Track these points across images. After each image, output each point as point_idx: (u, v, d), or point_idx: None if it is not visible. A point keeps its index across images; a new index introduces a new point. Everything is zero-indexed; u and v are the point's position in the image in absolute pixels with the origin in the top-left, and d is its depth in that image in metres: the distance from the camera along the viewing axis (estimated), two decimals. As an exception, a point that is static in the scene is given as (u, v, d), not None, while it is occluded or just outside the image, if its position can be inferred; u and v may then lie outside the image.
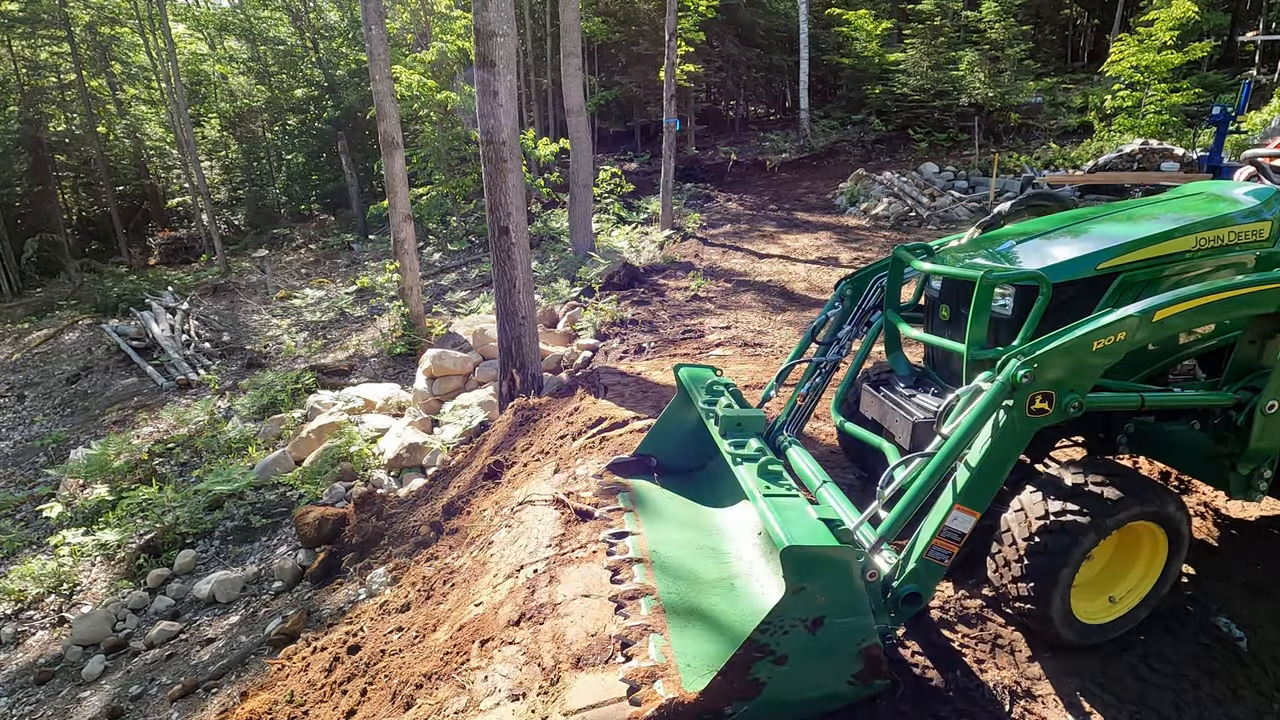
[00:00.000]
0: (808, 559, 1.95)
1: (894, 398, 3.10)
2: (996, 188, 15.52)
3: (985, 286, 2.62)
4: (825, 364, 3.48)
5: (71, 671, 5.05)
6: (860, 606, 2.04)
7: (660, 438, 3.58)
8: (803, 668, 2.02)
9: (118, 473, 8.00)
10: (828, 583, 1.98)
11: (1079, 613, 2.40)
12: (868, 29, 22.11)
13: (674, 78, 13.72)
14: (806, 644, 1.99)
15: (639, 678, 2.18)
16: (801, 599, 1.96)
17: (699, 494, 3.31)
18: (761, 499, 2.28)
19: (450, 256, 17.34)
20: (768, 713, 2.02)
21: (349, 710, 2.89)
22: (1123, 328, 2.19)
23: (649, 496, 3.31)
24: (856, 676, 2.09)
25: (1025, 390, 2.10)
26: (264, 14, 26.68)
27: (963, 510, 2.16)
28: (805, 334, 3.62)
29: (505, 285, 6.33)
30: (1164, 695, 2.35)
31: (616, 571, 2.79)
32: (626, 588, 2.66)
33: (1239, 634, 2.62)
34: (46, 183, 24.49)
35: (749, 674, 1.98)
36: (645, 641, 2.35)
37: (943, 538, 2.16)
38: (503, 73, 6.08)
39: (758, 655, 1.97)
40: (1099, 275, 2.67)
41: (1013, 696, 2.29)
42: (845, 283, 3.57)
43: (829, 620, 1.99)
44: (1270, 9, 21.99)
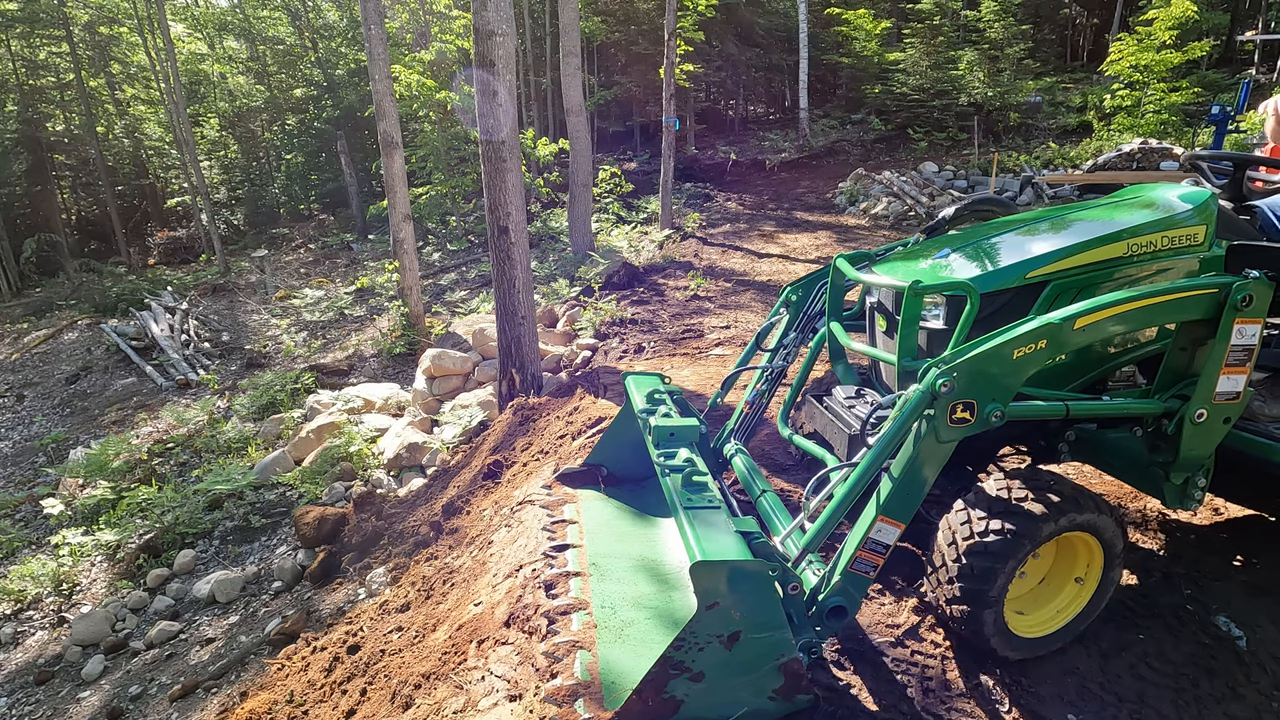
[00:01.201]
0: (720, 573, 1.90)
1: (833, 409, 3.04)
2: (996, 187, 15.53)
3: (912, 296, 2.57)
4: (771, 370, 3.45)
5: (71, 671, 5.05)
6: (777, 621, 1.98)
7: (609, 447, 3.48)
8: (721, 684, 1.97)
9: (117, 473, 8.00)
10: (742, 597, 1.92)
11: (1015, 627, 2.36)
12: (867, 28, 22.12)
13: (673, 77, 13.71)
14: (723, 660, 1.94)
15: (560, 696, 2.12)
16: (716, 614, 1.91)
17: (647, 505, 3.25)
18: (682, 511, 2.20)
19: (450, 256, 17.33)
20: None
21: (349, 710, 2.89)
22: (1043, 335, 2.14)
23: (595, 508, 3.24)
24: (778, 692, 2.04)
25: (946, 399, 2.06)
26: (263, 14, 26.67)
27: (886, 521, 2.11)
28: (751, 341, 3.59)
29: (505, 285, 6.33)
30: (1164, 694, 2.35)
31: (552, 586, 2.70)
32: (559, 603, 2.58)
33: (1238, 633, 2.62)
34: (45, 182, 24.48)
35: (665, 692, 1.93)
36: (572, 658, 2.27)
37: (866, 549, 2.12)
38: (502, 72, 6.08)
39: (674, 672, 1.92)
40: (1029, 284, 2.61)
41: (1012, 696, 2.29)
42: (790, 288, 3.53)
43: (745, 635, 1.94)
44: (1269, 8, 22.01)
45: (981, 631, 2.28)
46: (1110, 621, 2.60)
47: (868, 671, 2.42)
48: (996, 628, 2.29)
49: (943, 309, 2.67)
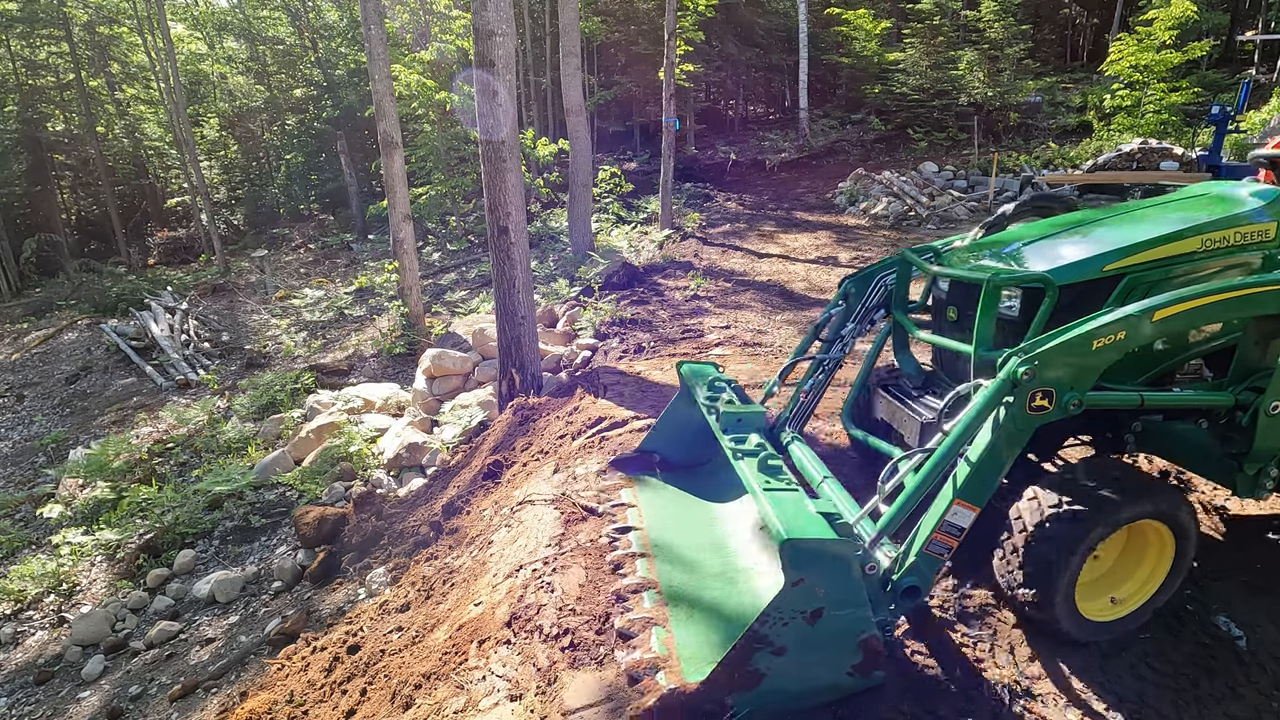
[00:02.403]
0: (807, 551, 1.98)
1: (903, 399, 3.13)
2: (996, 187, 15.53)
3: (992, 288, 2.66)
4: (828, 361, 3.52)
5: (71, 671, 5.05)
6: (859, 599, 2.06)
7: (663, 434, 3.62)
8: (802, 659, 2.04)
9: (117, 473, 8.00)
10: (826, 575, 2.00)
11: (1084, 610, 2.42)
12: (867, 28, 22.12)
13: (673, 77, 13.71)
14: (806, 635, 2.02)
15: (641, 669, 2.22)
16: (801, 591, 1.99)
17: (701, 489, 3.34)
18: (761, 493, 2.29)
19: (449, 256, 17.33)
20: (767, 703, 2.05)
21: (349, 710, 2.89)
22: (1122, 327, 2.21)
23: (652, 492, 3.35)
24: (855, 668, 2.11)
25: (1025, 387, 2.13)
26: (263, 14, 26.66)
27: (962, 505, 2.19)
28: (809, 332, 3.66)
29: (505, 285, 6.33)
30: (1164, 694, 2.35)
31: (619, 566, 2.83)
32: (629, 581, 2.70)
33: (1238, 633, 2.62)
34: (45, 182, 24.47)
35: (749, 665, 2.01)
36: (648, 634, 2.38)
37: (942, 532, 2.19)
38: (502, 72, 6.08)
39: (758, 646, 2.00)
40: (1105, 276, 2.69)
41: (1012, 695, 2.29)
42: (849, 281, 3.59)
43: (828, 612, 2.02)
44: (1269, 8, 22.01)
45: (1053, 614, 2.35)
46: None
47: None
48: (1067, 611, 2.36)
49: (1018, 300, 2.76)
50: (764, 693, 2.03)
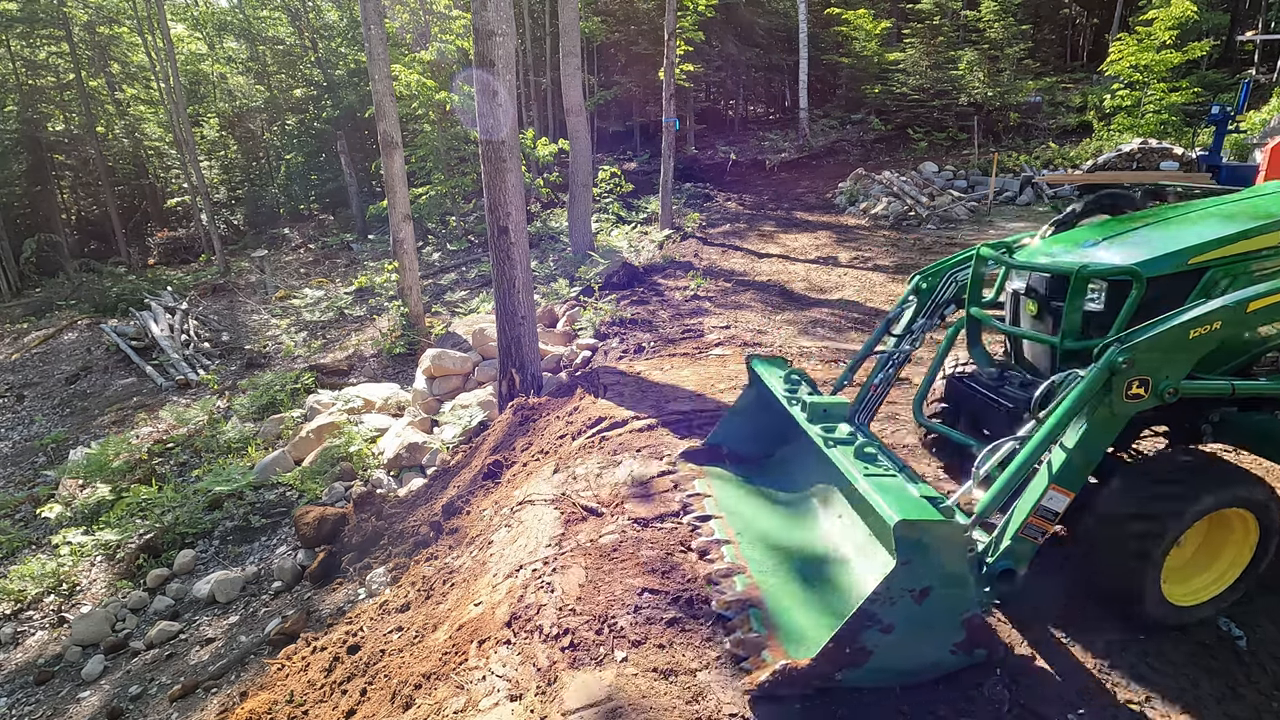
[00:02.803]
0: (918, 532, 2.05)
1: (981, 390, 3.23)
2: (996, 187, 15.53)
3: (1080, 280, 2.74)
4: (898, 356, 3.59)
5: (71, 671, 5.05)
6: (965, 578, 2.14)
7: (731, 427, 3.70)
8: (908, 637, 2.12)
9: (117, 473, 8.00)
10: (935, 555, 2.08)
11: (1172, 595, 2.49)
12: (867, 28, 22.12)
13: (673, 77, 13.72)
14: (913, 614, 2.10)
15: (746, 648, 2.33)
16: (910, 570, 2.06)
17: (772, 480, 3.43)
18: (863, 479, 2.36)
19: (450, 256, 17.33)
20: (874, 679, 2.15)
21: (349, 710, 2.89)
22: (1218, 317, 2.29)
23: (723, 483, 3.44)
24: (958, 645, 2.19)
25: (1123, 376, 2.22)
26: (263, 14, 26.66)
27: (1058, 490, 2.27)
28: (879, 326, 3.73)
29: (505, 285, 6.33)
30: (1164, 695, 2.35)
31: (706, 552, 2.92)
32: (718, 567, 2.79)
33: (1238, 633, 2.62)
34: (45, 182, 24.48)
35: (858, 642, 2.09)
36: (746, 615, 2.48)
37: (1038, 516, 2.27)
38: (502, 72, 6.08)
39: (867, 624, 2.08)
40: (1189, 270, 2.75)
41: (1012, 695, 2.29)
42: (919, 277, 3.67)
43: (935, 591, 2.10)
44: (1269, 8, 22.01)
45: (1140, 600, 2.42)
46: (1110, 621, 2.60)
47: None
48: (1153, 596, 2.42)
49: (1103, 293, 2.82)
50: (871, 669, 2.12)
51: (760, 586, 2.63)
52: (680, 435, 4.30)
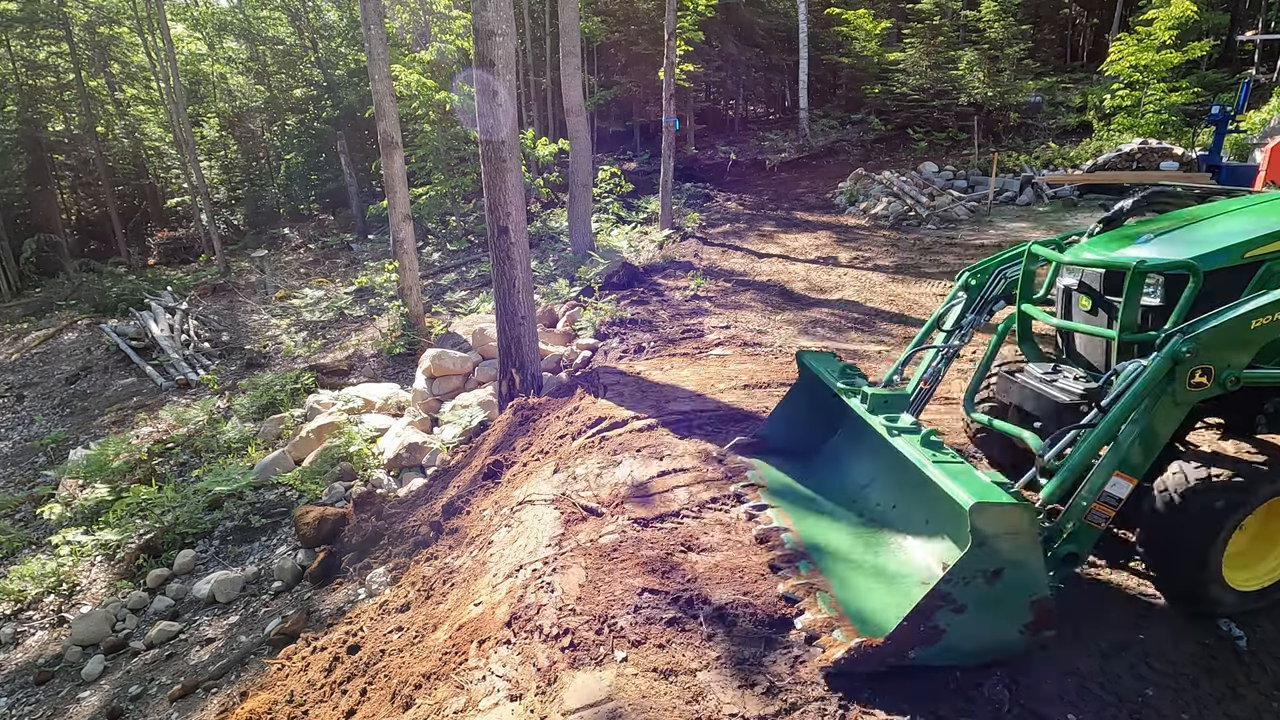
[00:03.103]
0: (991, 515, 2.11)
1: (1034, 384, 3.30)
2: (996, 187, 15.52)
3: (1138, 275, 2.82)
4: (948, 350, 3.67)
5: (71, 671, 5.05)
6: (1035, 560, 2.20)
7: (780, 422, 3.80)
8: (979, 617, 2.19)
9: (117, 473, 7.99)
10: (1008, 537, 2.14)
11: (1233, 581, 2.54)
12: (867, 28, 22.12)
13: (673, 77, 13.72)
14: (984, 594, 2.16)
15: (818, 627, 2.44)
16: (984, 552, 2.13)
17: (822, 471, 3.52)
18: (932, 466, 2.43)
19: (450, 256, 17.33)
20: (944, 658, 2.22)
21: (349, 710, 2.89)
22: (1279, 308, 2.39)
23: (777, 474, 3.54)
24: (1026, 627, 2.25)
25: (1187, 365, 2.31)
26: (263, 14, 26.65)
27: (1121, 477, 2.36)
28: (929, 321, 3.80)
29: (505, 285, 6.33)
30: (1164, 695, 2.35)
31: (766, 539, 3.01)
32: (779, 553, 2.89)
33: (1238, 633, 2.62)
34: (45, 183, 24.48)
35: (931, 621, 2.17)
36: (814, 598, 2.59)
37: (1101, 502, 2.36)
38: (502, 72, 6.08)
39: (940, 604, 2.16)
40: (1245, 263, 2.82)
41: (1012, 695, 2.29)
42: (968, 273, 3.74)
43: (1006, 573, 2.16)
44: (1269, 8, 22.01)
45: (1202, 581, 2.48)
46: (1110, 621, 2.61)
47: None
48: (1214, 581, 2.48)
49: (1159, 287, 2.91)
50: (942, 648, 2.20)
51: (823, 571, 2.74)
52: (680, 435, 4.30)
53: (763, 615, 2.57)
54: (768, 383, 5.43)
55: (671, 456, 3.96)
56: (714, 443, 4.14)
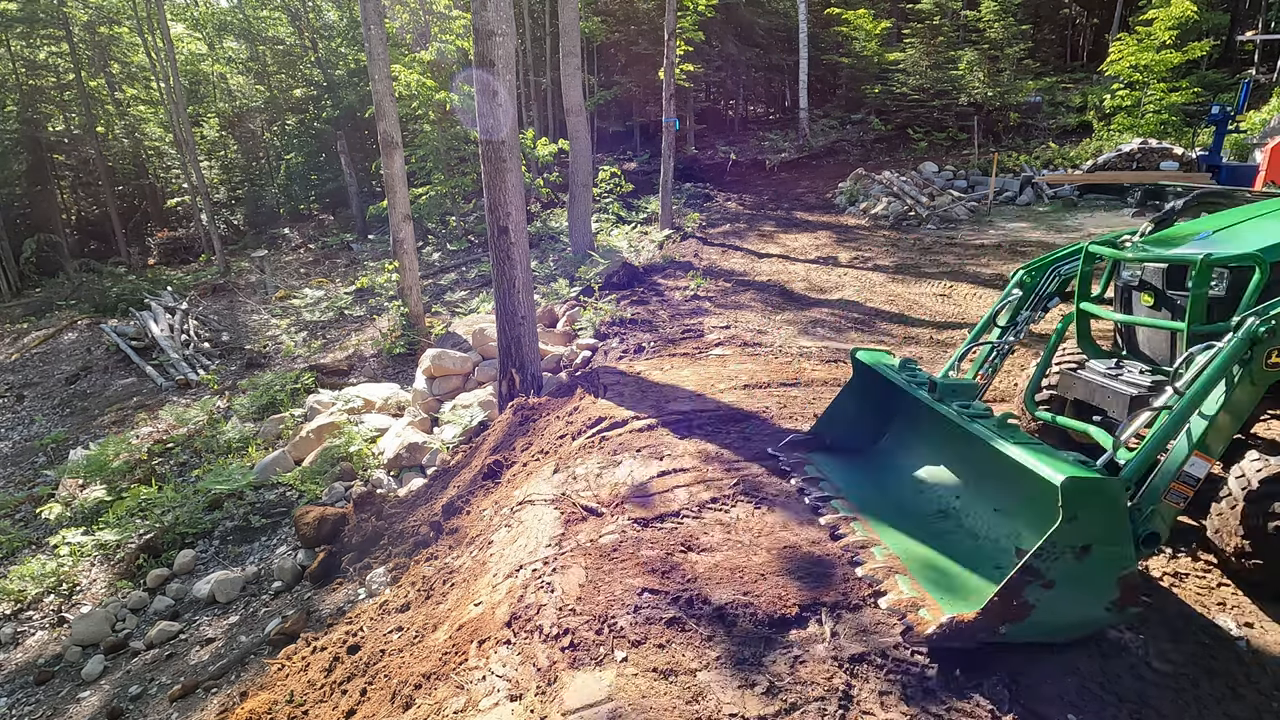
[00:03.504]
0: (1083, 489, 2.15)
1: (1098, 379, 3.41)
2: (996, 187, 15.52)
3: (1205, 267, 2.93)
4: (1003, 346, 3.77)
5: (71, 671, 5.05)
6: (1123, 535, 2.24)
7: (833, 419, 3.86)
8: (1067, 593, 2.23)
9: (117, 473, 7.99)
10: (1097, 512, 2.19)
11: None
12: (867, 28, 22.12)
13: (673, 77, 13.72)
14: (1073, 570, 2.21)
15: (903, 606, 2.50)
16: (1074, 527, 2.16)
17: (880, 464, 3.59)
18: (1014, 447, 2.49)
19: (450, 256, 17.33)
20: (1033, 634, 2.27)
21: (349, 710, 2.89)
22: None
23: (835, 467, 3.60)
24: (1113, 603, 2.30)
25: (1264, 345, 2.40)
26: (263, 14, 26.66)
27: (1200, 456, 2.41)
28: (985, 317, 3.88)
29: (505, 285, 6.33)
30: (1164, 695, 2.35)
31: (836, 528, 3.07)
32: (851, 540, 2.95)
33: (1238, 633, 2.62)
34: (45, 183, 24.48)
35: (1021, 596, 2.21)
36: (893, 580, 2.65)
37: (1181, 482, 2.41)
38: (502, 72, 6.08)
39: (1030, 579, 2.19)
40: None
41: (1012, 695, 2.29)
42: (1022, 271, 3.83)
43: (1095, 548, 2.21)
44: (1269, 8, 22.00)
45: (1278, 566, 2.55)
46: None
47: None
48: None
49: (1224, 280, 3.02)
50: (1031, 624, 2.24)
51: (898, 555, 2.80)
52: (680, 435, 4.30)
53: (763, 615, 2.57)
54: (768, 383, 5.43)
55: (671, 456, 3.96)
56: (714, 443, 4.14)
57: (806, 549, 3.00)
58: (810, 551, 2.98)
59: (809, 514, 3.27)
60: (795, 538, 3.09)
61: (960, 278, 9.51)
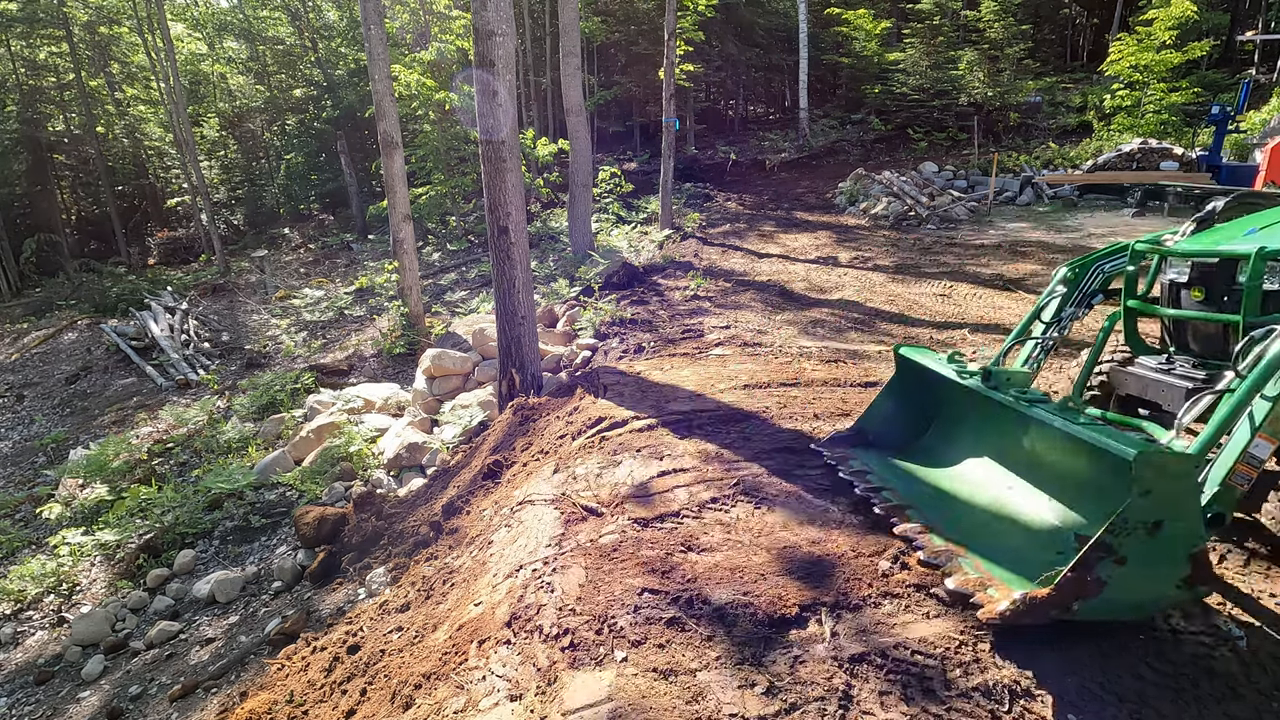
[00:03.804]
0: (1155, 465, 2.16)
1: (1151, 374, 3.52)
2: (996, 187, 15.53)
3: (1260, 260, 3.04)
4: (1047, 341, 3.83)
5: (71, 671, 5.05)
6: (1194, 512, 2.25)
7: (877, 415, 3.91)
8: (1138, 570, 2.23)
9: (117, 473, 8.00)
10: (1169, 488, 2.20)
11: None
12: (867, 28, 22.12)
13: (673, 77, 13.72)
14: (1145, 547, 2.21)
15: (970, 586, 2.53)
16: (1147, 503, 2.18)
17: (924, 458, 3.64)
18: (1080, 428, 2.53)
19: (450, 256, 17.34)
20: (1104, 611, 2.30)
21: (349, 710, 2.89)
22: None
23: (882, 461, 3.64)
24: (1184, 580, 2.29)
25: None
26: (263, 14, 26.66)
27: (1264, 439, 2.44)
28: (1029, 313, 3.94)
29: (505, 285, 6.33)
30: (1164, 694, 2.35)
31: (889, 517, 3.10)
32: (908, 527, 2.99)
33: (1238, 633, 2.62)
34: (45, 182, 24.48)
35: (1094, 573, 2.22)
36: (956, 563, 2.69)
37: (1244, 463, 2.45)
38: (502, 72, 6.08)
39: (1102, 555, 2.20)
40: None
41: (1012, 696, 2.29)
42: (1066, 268, 3.89)
43: (1167, 525, 2.21)
44: (1269, 8, 22.01)
45: None
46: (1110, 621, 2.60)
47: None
48: None
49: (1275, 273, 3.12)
50: (1103, 601, 2.25)
51: (959, 539, 2.84)
52: (680, 435, 4.30)
53: (763, 615, 2.57)
54: (768, 383, 5.43)
55: (671, 456, 3.96)
56: (714, 442, 4.14)
57: (807, 549, 3.00)
58: (810, 551, 2.98)
59: (809, 514, 3.26)
60: (795, 538, 3.09)
61: (960, 278, 9.52)
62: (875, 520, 3.18)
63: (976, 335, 7.06)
